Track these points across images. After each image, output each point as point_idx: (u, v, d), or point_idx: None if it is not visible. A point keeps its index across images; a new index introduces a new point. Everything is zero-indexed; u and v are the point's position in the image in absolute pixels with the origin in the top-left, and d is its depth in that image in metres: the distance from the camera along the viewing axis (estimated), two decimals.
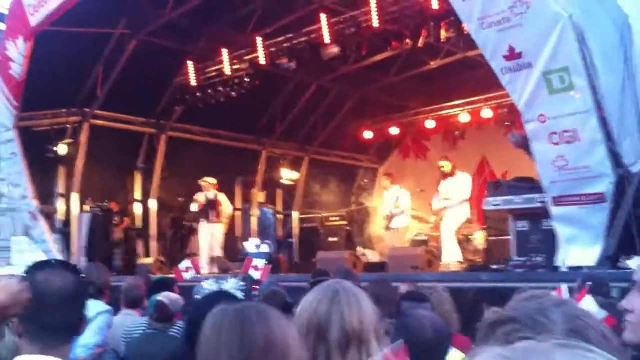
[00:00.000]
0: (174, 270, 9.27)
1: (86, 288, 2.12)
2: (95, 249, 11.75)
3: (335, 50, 10.84)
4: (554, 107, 6.42)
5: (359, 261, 9.87)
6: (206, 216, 11.60)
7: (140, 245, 13.14)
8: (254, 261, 7.42)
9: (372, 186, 15.30)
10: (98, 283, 4.93)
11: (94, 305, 4.44)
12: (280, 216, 15.18)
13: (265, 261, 7.59)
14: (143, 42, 11.64)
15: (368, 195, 14.55)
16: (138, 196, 13.38)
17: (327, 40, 10.59)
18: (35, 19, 10.71)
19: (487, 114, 12.89)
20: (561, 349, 0.77)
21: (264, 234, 13.86)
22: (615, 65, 6.35)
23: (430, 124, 14.16)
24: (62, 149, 12.03)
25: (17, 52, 11.09)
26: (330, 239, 13.18)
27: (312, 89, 13.97)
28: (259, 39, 11.40)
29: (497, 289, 5.65)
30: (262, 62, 11.52)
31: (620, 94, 6.31)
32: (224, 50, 11.89)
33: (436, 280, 6.61)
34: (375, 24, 10.00)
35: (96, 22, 10.80)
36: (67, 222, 12.27)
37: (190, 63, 12.32)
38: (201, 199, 11.58)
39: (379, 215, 12.11)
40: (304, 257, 13.32)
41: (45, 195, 12.09)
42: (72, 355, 2.04)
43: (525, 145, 7.13)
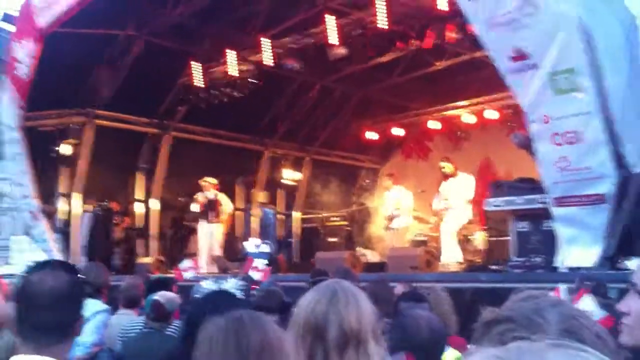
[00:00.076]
0: (174, 270, 9.32)
1: (82, 288, 2.10)
2: (95, 249, 11.77)
3: (343, 51, 10.79)
4: (557, 107, 6.40)
5: (358, 261, 9.84)
6: (205, 216, 11.62)
7: (140, 245, 13.16)
8: (254, 262, 7.43)
9: (374, 186, 15.29)
10: (96, 282, 4.94)
11: (91, 305, 4.44)
12: (281, 216, 15.18)
13: (265, 261, 7.60)
14: (148, 42, 11.66)
15: (369, 196, 14.53)
16: (139, 196, 13.39)
17: (334, 42, 10.49)
18: (44, 21, 10.74)
19: (491, 115, 12.81)
20: (554, 348, 0.76)
21: (264, 234, 13.85)
22: (620, 65, 6.33)
23: (433, 125, 14.13)
24: (65, 148, 12.05)
25: (24, 53, 11.12)
26: (330, 239, 13.17)
27: (315, 89, 13.97)
28: (266, 40, 11.33)
29: (495, 289, 5.64)
30: (269, 62, 11.44)
31: (625, 95, 6.29)
32: (231, 52, 11.77)
33: (434, 280, 6.60)
34: (383, 25, 9.86)
35: (103, 23, 10.84)
36: (67, 221, 12.28)
37: (195, 64, 12.28)
38: (201, 199, 11.59)
39: (379, 215, 12.10)
40: (304, 257, 13.31)
41: (47, 194, 12.11)
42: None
43: (527, 145, 7.12)
